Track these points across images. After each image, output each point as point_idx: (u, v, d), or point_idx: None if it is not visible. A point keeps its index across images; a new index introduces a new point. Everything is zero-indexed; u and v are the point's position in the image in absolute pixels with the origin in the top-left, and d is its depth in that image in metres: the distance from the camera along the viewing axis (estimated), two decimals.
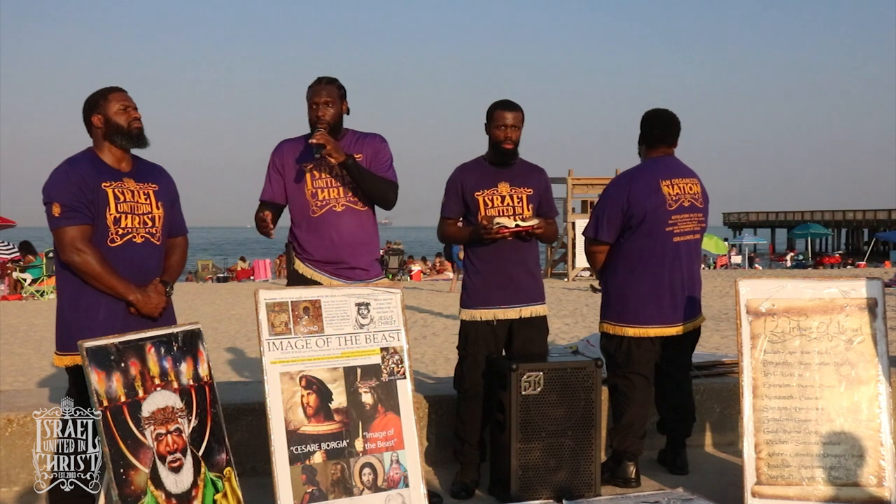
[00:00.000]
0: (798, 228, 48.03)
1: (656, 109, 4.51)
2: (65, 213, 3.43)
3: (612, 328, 4.42)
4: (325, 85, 4.10)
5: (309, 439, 3.59)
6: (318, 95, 4.07)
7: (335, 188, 4.11)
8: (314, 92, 4.09)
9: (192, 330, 3.46)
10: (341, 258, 4.12)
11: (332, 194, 4.11)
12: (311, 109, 4.09)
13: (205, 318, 12.82)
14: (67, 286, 3.50)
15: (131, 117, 3.56)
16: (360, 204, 4.14)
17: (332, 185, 4.11)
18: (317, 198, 4.11)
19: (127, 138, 3.56)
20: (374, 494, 3.67)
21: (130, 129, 3.55)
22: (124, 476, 2.96)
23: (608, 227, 4.37)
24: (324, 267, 4.13)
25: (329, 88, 4.10)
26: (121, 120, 3.54)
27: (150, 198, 3.61)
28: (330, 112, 4.07)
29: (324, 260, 4.13)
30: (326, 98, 4.07)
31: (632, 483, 4.32)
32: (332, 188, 4.11)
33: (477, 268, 4.30)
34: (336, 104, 4.10)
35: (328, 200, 4.11)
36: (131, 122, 3.56)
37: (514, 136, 4.26)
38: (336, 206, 4.11)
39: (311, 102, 4.09)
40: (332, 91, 4.09)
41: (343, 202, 4.12)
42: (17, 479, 4.16)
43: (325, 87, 4.10)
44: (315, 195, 4.11)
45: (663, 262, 4.32)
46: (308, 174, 4.12)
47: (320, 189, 4.11)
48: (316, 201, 4.11)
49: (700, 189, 4.44)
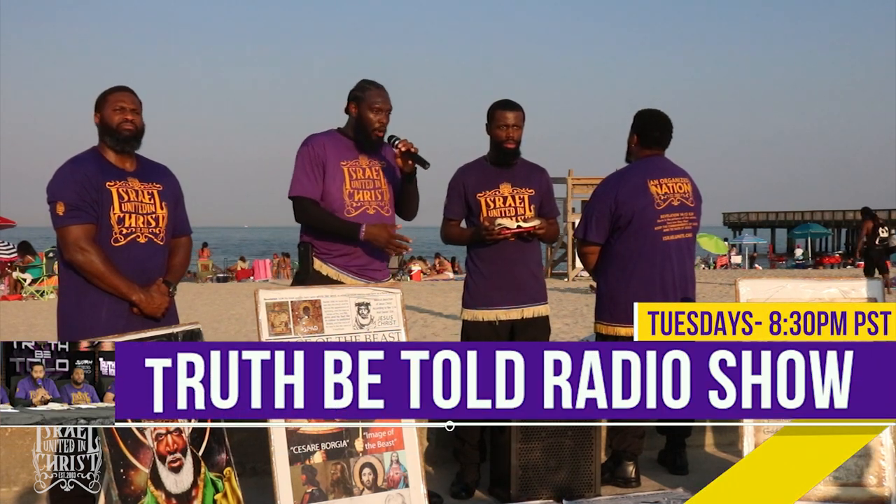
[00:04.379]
0: (798, 228, 47.99)
1: (654, 110, 4.51)
2: (69, 212, 3.42)
3: (606, 329, 4.42)
4: (385, 92, 4.07)
5: (309, 439, 3.59)
6: (385, 101, 4.04)
7: (369, 191, 4.09)
8: (379, 96, 4.03)
9: (192, 330, 3.46)
10: (369, 260, 4.08)
11: (367, 197, 4.08)
12: (373, 112, 4.01)
13: (205, 318, 12.82)
14: (71, 285, 3.50)
15: (123, 118, 3.53)
16: (385, 209, 4.13)
17: (366, 187, 4.09)
18: (353, 198, 4.05)
19: (114, 139, 3.54)
20: (374, 494, 3.67)
21: (119, 131, 3.53)
22: (124, 476, 2.96)
23: (597, 227, 4.37)
24: (348, 267, 4.06)
25: (386, 97, 4.07)
26: (112, 120, 3.52)
27: (155, 198, 3.60)
28: (387, 121, 4.07)
29: (352, 261, 4.06)
30: (390, 106, 4.06)
31: (632, 483, 4.32)
32: (367, 191, 4.09)
33: (479, 268, 4.30)
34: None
35: (363, 202, 4.07)
36: (121, 124, 3.53)
37: (516, 135, 4.25)
38: (369, 208, 4.08)
39: (376, 107, 4.01)
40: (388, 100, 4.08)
41: (374, 206, 4.09)
42: (17, 479, 4.16)
43: (386, 94, 4.06)
44: (352, 195, 4.05)
45: (654, 262, 4.31)
46: (347, 173, 4.07)
47: (357, 190, 4.07)
48: (352, 202, 4.05)
49: (691, 188, 4.44)
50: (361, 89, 4.05)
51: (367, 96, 4.03)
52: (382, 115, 4.04)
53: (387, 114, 4.06)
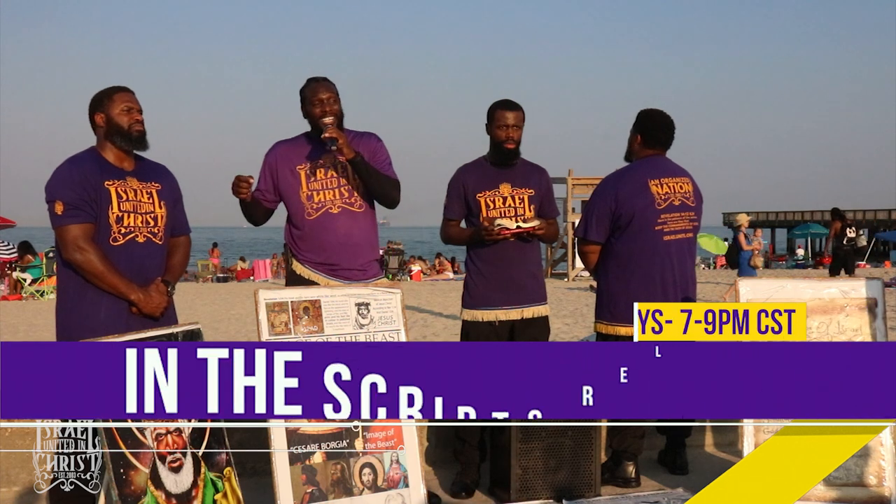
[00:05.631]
0: (798, 228, 47.95)
1: (657, 111, 4.50)
2: (67, 212, 3.42)
3: (606, 328, 4.41)
4: (323, 83, 4.05)
5: (309, 439, 3.59)
6: (322, 92, 4.01)
7: (331, 190, 4.06)
8: (315, 90, 4.02)
9: (192, 330, 3.46)
10: (338, 260, 4.06)
11: (328, 196, 4.06)
12: (313, 106, 4.00)
13: (205, 318, 12.82)
14: (69, 285, 3.50)
15: (133, 119, 3.55)
16: (356, 205, 4.09)
17: (327, 186, 4.07)
18: (312, 200, 4.05)
19: (127, 140, 3.55)
20: (374, 494, 3.67)
21: (131, 132, 3.55)
22: (124, 476, 2.96)
23: (597, 227, 4.37)
24: (320, 268, 4.08)
25: (329, 85, 4.05)
26: (122, 121, 3.53)
27: (153, 197, 3.60)
28: (335, 108, 4.01)
29: (320, 262, 4.08)
30: (330, 94, 4.02)
31: (632, 483, 4.32)
32: (328, 190, 4.07)
33: (479, 268, 4.30)
34: (338, 101, 4.04)
35: (324, 203, 4.06)
36: (132, 125, 3.54)
37: (516, 135, 4.25)
38: (332, 208, 4.06)
39: (315, 100, 4.00)
40: (332, 88, 4.05)
41: (339, 204, 4.06)
42: (17, 479, 4.16)
43: (325, 84, 4.05)
44: (311, 198, 4.05)
45: (654, 262, 4.31)
46: (303, 176, 4.07)
47: (315, 191, 4.06)
48: (311, 203, 4.05)
49: (692, 188, 4.43)
50: (301, 91, 4.08)
51: (306, 94, 4.05)
52: (322, 104, 3.99)
53: (329, 101, 3.99)
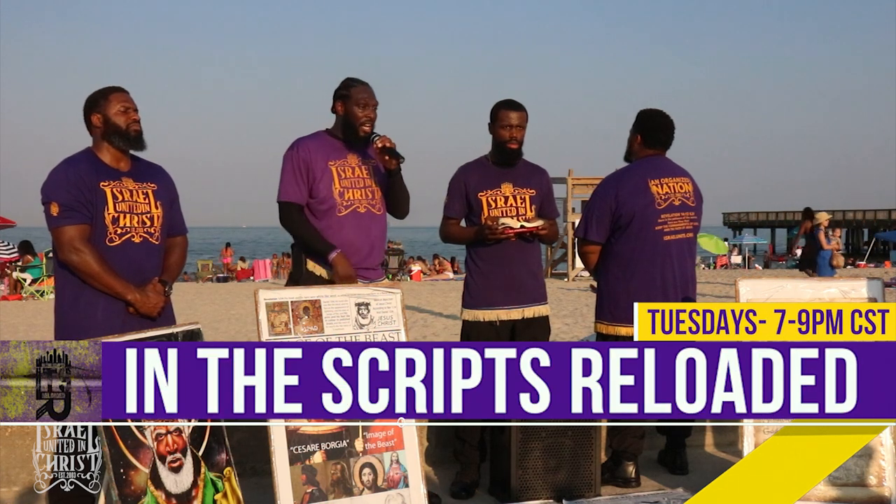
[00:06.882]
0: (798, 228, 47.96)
1: (658, 111, 4.50)
2: (63, 213, 3.42)
3: (606, 328, 4.41)
4: (369, 87, 4.07)
5: (309, 439, 3.59)
6: (371, 97, 4.04)
7: (360, 189, 4.08)
8: (365, 91, 4.04)
9: (191, 330, 3.45)
10: (360, 259, 4.06)
11: (357, 195, 4.07)
12: (359, 108, 4.01)
13: (205, 318, 12.82)
14: (66, 286, 3.50)
15: (130, 119, 3.54)
16: (377, 207, 4.13)
17: (356, 185, 4.08)
18: (343, 197, 4.04)
19: (125, 140, 3.55)
20: (374, 494, 3.67)
21: (129, 131, 3.54)
22: (124, 476, 2.96)
23: (597, 227, 4.37)
24: None
25: (373, 91, 4.08)
26: (120, 121, 3.53)
27: (149, 197, 3.60)
28: (375, 116, 4.07)
29: None
30: (376, 101, 4.06)
31: (632, 483, 4.32)
32: (357, 189, 4.08)
33: (480, 268, 4.30)
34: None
35: (353, 201, 4.06)
36: (130, 125, 3.54)
37: (519, 136, 4.25)
38: (360, 207, 4.07)
39: (362, 102, 4.02)
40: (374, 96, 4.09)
41: (365, 204, 4.08)
42: (17, 479, 4.16)
43: (371, 89, 4.07)
44: (342, 194, 4.04)
45: (654, 262, 4.31)
46: (335, 173, 4.06)
47: (347, 189, 4.06)
48: (343, 201, 4.04)
49: (692, 188, 4.43)
50: (346, 87, 4.07)
51: (353, 93, 4.04)
52: (369, 109, 4.04)
53: (373, 108, 4.06)
